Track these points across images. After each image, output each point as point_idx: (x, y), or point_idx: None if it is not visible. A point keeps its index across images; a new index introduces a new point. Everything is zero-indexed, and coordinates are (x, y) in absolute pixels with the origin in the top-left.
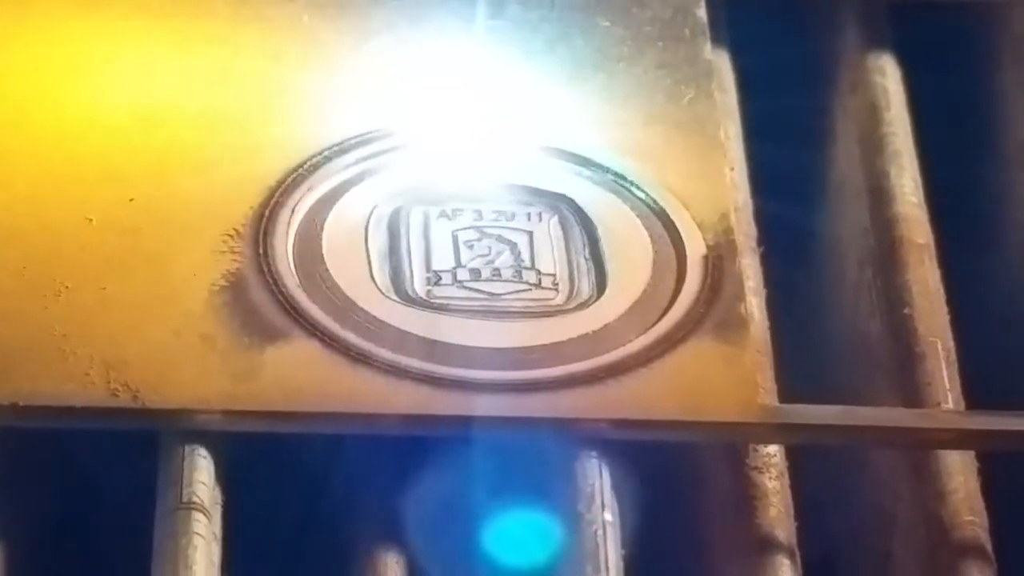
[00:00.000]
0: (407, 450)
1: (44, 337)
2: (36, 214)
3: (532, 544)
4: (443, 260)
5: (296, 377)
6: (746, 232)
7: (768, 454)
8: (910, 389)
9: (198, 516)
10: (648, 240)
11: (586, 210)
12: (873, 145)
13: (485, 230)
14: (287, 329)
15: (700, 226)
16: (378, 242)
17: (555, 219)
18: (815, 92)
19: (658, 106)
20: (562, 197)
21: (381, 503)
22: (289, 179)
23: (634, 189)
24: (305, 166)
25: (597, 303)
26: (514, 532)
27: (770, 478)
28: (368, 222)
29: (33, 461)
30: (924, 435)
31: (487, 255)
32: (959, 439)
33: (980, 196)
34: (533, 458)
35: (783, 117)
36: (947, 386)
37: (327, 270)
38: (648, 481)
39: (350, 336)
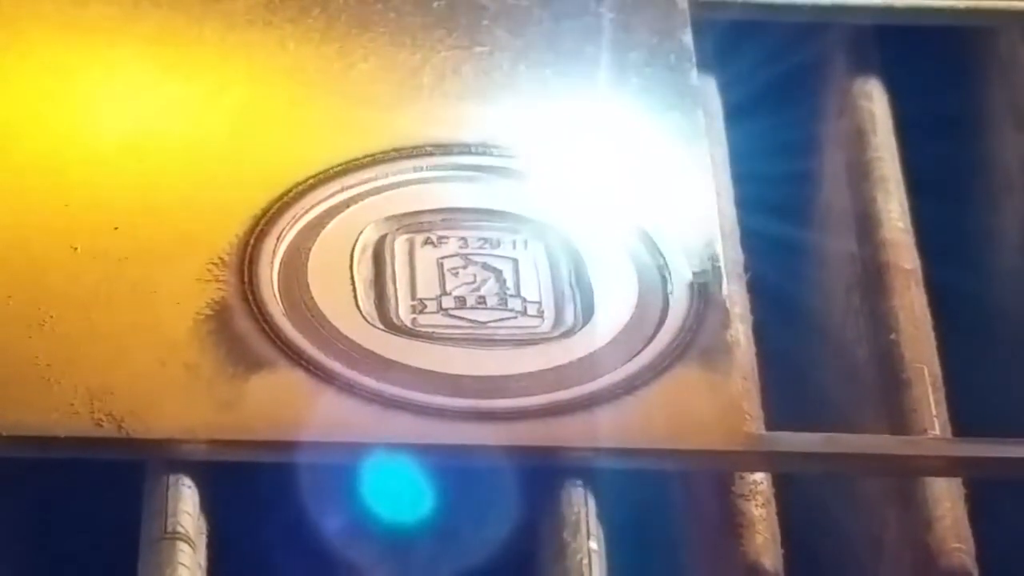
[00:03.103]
0: (393, 479)
1: (28, 367)
2: (21, 243)
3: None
4: (428, 288)
5: (281, 406)
6: (732, 258)
7: (754, 481)
8: (896, 415)
9: (183, 546)
10: (633, 268)
11: (571, 237)
12: (860, 170)
13: (470, 257)
14: (272, 358)
15: (686, 253)
16: (363, 270)
17: (540, 246)
18: (802, 117)
19: (644, 132)
20: (547, 224)
21: (366, 531)
22: (274, 207)
23: (619, 216)
24: (290, 194)
25: (582, 331)
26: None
27: (756, 506)
28: (353, 250)
29: (17, 491)
30: (910, 463)
31: (472, 283)
32: (945, 467)
33: (967, 221)
34: (518, 486)
35: (770, 142)
36: (934, 412)
37: (312, 298)
38: (634, 509)
39: (335, 365)
